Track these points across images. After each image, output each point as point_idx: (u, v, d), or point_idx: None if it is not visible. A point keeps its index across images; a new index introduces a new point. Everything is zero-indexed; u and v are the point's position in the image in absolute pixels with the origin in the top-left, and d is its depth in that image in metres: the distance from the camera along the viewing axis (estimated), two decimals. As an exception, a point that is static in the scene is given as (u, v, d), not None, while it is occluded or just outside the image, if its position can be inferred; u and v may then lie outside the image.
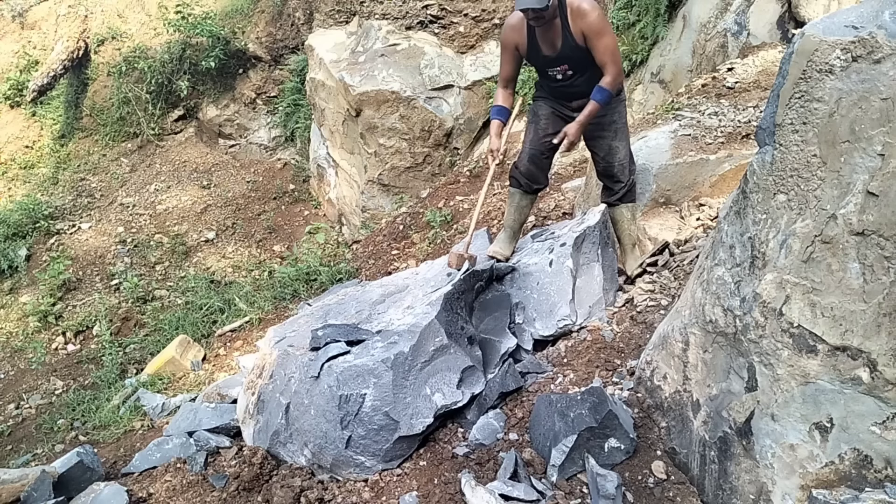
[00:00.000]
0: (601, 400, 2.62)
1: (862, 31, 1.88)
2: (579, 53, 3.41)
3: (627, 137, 3.74)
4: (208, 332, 6.57)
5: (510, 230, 3.89)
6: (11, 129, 10.18)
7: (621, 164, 3.70)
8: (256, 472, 3.06)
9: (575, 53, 3.41)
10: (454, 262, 3.64)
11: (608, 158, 3.71)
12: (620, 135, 3.67)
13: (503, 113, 3.75)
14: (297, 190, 9.58)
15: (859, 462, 2.03)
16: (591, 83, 3.47)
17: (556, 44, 3.43)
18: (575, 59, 3.43)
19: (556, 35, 3.40)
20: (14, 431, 5.89)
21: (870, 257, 1.92)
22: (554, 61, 3.49)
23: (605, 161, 3.73)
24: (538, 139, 3.72)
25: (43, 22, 11.00)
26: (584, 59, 3.43)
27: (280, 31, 9.87)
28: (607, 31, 3.39)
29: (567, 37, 3.38)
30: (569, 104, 3.66)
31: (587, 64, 3.45)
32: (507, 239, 3.89)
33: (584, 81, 3.51)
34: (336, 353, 3.15)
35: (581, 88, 3.53)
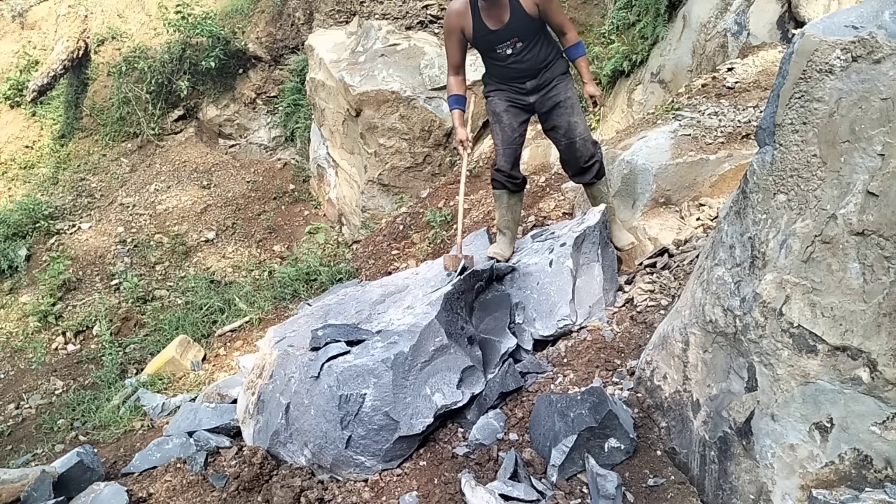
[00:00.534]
0: (601, 400, 2.62)
1: (862, 31, 1.88)
2: (528, 24, 3.52)
3: (581, 113, 3.78)
4: (208, 332, 6.57)
5: (508, 231, 3.93)
6: (11, 129, 10.17)
7: (583, 139, 3.71)
8: (256, 472, 3.06)
9: (524, 24, 3.52)
10: (450, 264, 3.66)
11: (569, 135, 3.71)
12: (577, 109, 3.73)
13: (461, 101, 3.84)
14: (297, 190, 9.57)
15: (859, 462, 2.03)
16: (538, 56, 3.61)
17: (504, 17, 3.51)
18: (524, 30, 3.53)
19: (502, 10, 3.49)
20: (14, 431, 5.89)
21: (870, 257, 1.92)
22: (502, 36, 3.55)
23: (567, 138, 3.72)
24: (508, 137, 3.78)
25: (43, 22, 11.00)
26: (533, 30, 3.55)
27: (280, 31, 9.87)
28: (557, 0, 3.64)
29: (515, 7, 3.49)
30: (522, 85, 3.70)
31: (535, 34, 3.58)
32: (506, 240, 3.91)
33: (533, 55, 3.61)
34: (336, 353, 3.15)
35: (530, 63, 3.62)
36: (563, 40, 3.69)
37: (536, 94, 3.72)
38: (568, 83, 3.71)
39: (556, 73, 3.70)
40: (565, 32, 3.65)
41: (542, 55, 3.64)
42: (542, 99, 3.72)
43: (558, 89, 3.68)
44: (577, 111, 3.70)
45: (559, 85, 3.69)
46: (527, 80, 3.68)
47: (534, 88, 3.70)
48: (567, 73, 3.73)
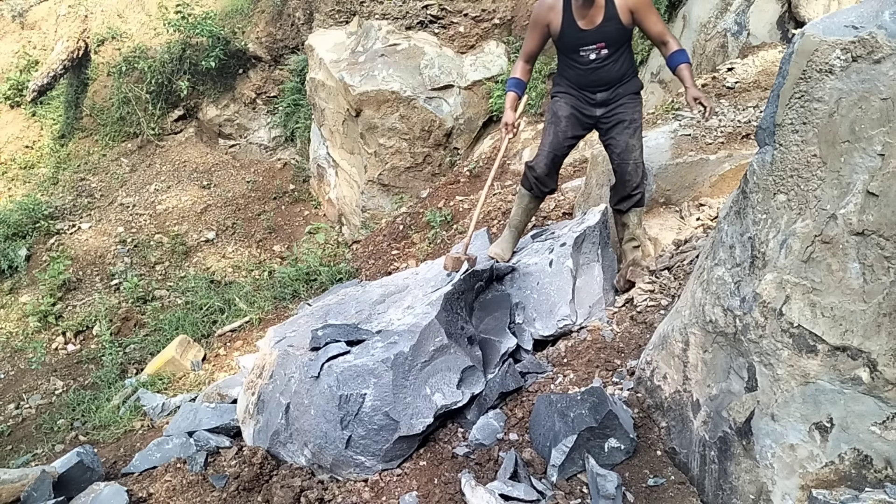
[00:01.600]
0: (601, 400, 2.62)
1: (862, 31, 1.88)
2: (619, 32, 3.37)
3: (641, 139, 3.63)
4: (208, 332, 6.57)
5: (515, 231, 3.86)
6: (11, 129, 10.18)
7: (636, 164, 3.57)
8: (256, 472, 3.06)
9: (615, 31, 3.36)
10: (450, 265, 3.62)
11: (624, 156, 3.57)
12: (638, 134, 3.58)
13: (520, 85, 3.71)
14: (297, 190, 9.57)
15: (859, 462, 2.03)
16: (619, 69, 3.46)
17: (596, 19, 3.35)
18: (614, 37, 3.38)
19: (596, 10, 3.34)
20: (14, 431, 5.89)
21: (870, 257, 1.92)
22: (590, 38, 3.39)
23: (621, 158, 3.59)
24: (558, 142, 3.64)
25: (43, 22, 11.00)
26: (622, 39, 3.41)
27: (280, 31, 9.87)
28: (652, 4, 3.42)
29: (611, 11, 3.33)
30: (593, 95, 3.55)
31: (622, 44, 3.43)
32: (510, 239, 3.86)
33: (615, 65, 3.46)
34: (336, 353, 3.15)
35: (610, 73, 3.47)
36: (664, 50, 3.46)
37: (604, 108, 3.56)
38: (637, 104, 3.57)
39: (628, 90, 3.55)
40: (666, 41, 3.42)
41: (622, 69, 3.49)
42: (608, 114, 3.56)
43: (626, 108, 3.53)
44: (638, 135, 3.56)
45: (628, 104, 3.54)
46: (598, 91, 3.54)
47: (603, 101, 3.55)
48: (638, 95, 3.59)
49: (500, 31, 7.94)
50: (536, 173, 3.69)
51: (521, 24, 7.78)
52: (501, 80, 7.63)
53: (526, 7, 7.77)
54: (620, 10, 3.34)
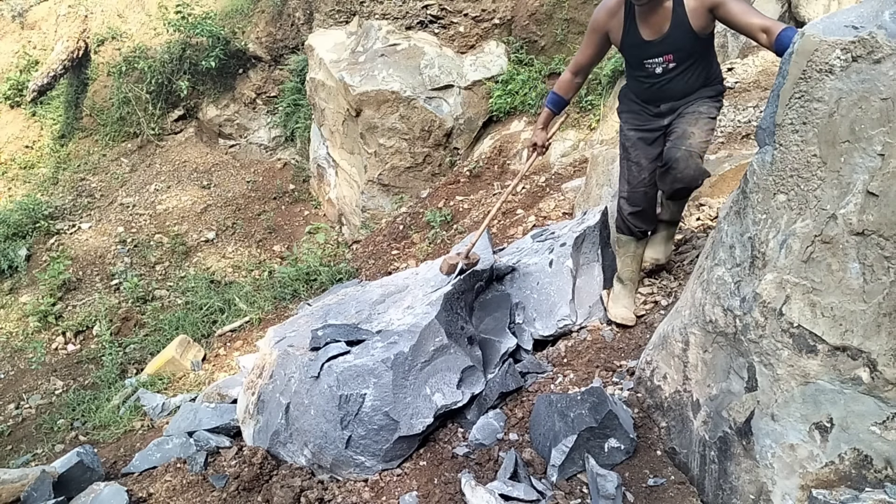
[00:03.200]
0: (601, 400, 2.62)
1: (862, 31, 1.88)
2: (690, 41, 2.88)
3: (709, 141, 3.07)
4: (208, 332, 6.57)
5: (629, 283, 3.40)
6: (11, 129, 10.18)
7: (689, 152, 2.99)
8: (256, 472, 3.06)
9: (685, 40, 2.88)
10: (445, 269, 3.55)
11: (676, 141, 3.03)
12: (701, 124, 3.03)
13: (558, 102, 3.33)
14: (297, 190, 9.58)
15: (859, 462, 2.03)
16: (690, 82, 3.00)
17: (663, 27, 2.89)
18: (683, 47, 2.91)
19: (663, 17, 2.87)
20: (14, 431, 5.89)
21: (870, 257, 1.92)
22: (655, 49, 2.95)
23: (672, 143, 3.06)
24: (636, 178, 3.22)
25: (43, 22, 11.00)
26: (694, 49, 2.93)
27: (280, 31, 9.87)
28: None
29: (680, 17, 2.84)
30: (657, 108, 3.13)
31: (694, 55, 2.95)
32: (628, 295, 3.40)
33: (684, 80, 3.00)
34: (336, 353, 3.15)
35: (679, 88, 3.02)
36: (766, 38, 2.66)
37: (671, 116, 3.12)
38: (708, 103, 3.06)
39: (702, 95, 3.07)
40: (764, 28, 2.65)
41: (695, 82, 3.02)
42: (675, 115, 3.11)
43: (694, 104, 3.06)
44: (702, 126, 3.02)
45: (697, 101, 3.06)
46: (663, 104, 3.11)
47: (669, 110, 3.11)
48: (714, 98, 3.09)
49: (500, 31, 7.94)
50: (626, 215, 3.28)
51: (521, 24, 7.79)
52: (501, 80, 7.63)
53: (526, 7, 7.77)
54: (692, 15, 2.82)
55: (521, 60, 7.71)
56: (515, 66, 7.69)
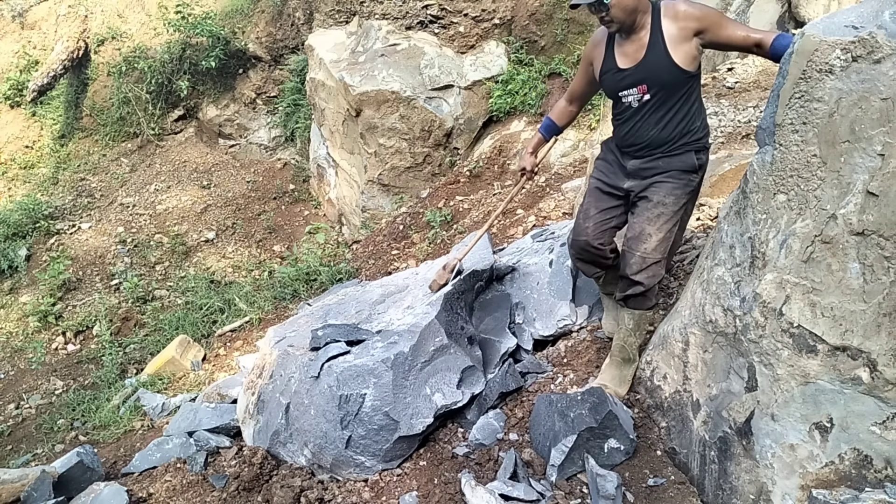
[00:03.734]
0: (601, 400, 2.62)
1: (862, 31, 1.88)
2: (667, 71, 2.57)
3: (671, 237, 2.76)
4: (208, 332, 6.57)
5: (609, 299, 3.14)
6: (11, 129, 10.18)
7: (643, 258, 2.73)
8: (256, 472, 3.06)
9: (661, 69, 2.58)
10: (435, 288, 3.41)
11: (631, 244, 2.76)
12: (662, 223, 2.71)
13: (550, 128, 3.16)
14: (297, 190, 9.58)
15: (859, 462, 2.03)
16: (667, 126, 2.65)
17: (639, 54, 2.62)
18: (658, 77, 2.59)
19: (640, 44, 2.62)
20: (14, 431, 5.89)
21: (870, 257, 1.92)
22: (630, 78, 2.66)
23: (627, 245, 2.79)
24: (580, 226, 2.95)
25: (43, 22, 11.00)
26: (671, 83, 2.60)
27: (280, 31, 9.87)
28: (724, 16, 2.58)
29: (657, 44, 2.57)
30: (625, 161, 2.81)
31: (673, 92, 2.62)
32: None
33: (661, 121, 2.65)
34: (336, 353, 3.15)
35: (652, 130, 2.67)
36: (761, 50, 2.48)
37: (633, 181, 2.80)
38: (678, 187, 2.70)
39: (672, 165, 2.70)
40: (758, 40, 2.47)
41: (672, 128, 2.66)
42: (637, 187, 2.79)
43: (659, 187, 2.71)
44: (661, 226, 2.70)
45: (665, 184, 2.70)
46: (633, 156, 2.78)
47: (634, 171, 2.78)
48: (689, 174, 2.71)
49: (500, 31, 7.94)
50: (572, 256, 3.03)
51: (521, 24, 7.79)
52: (501, 80, 7.63)
53: (526, 7, 7.78)
54: (672, 42, 2.55)
55: (521, 60, 7.71)
56: (515, 66, 7.69)
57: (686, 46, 2.55)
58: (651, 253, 2.71)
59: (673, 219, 2.72)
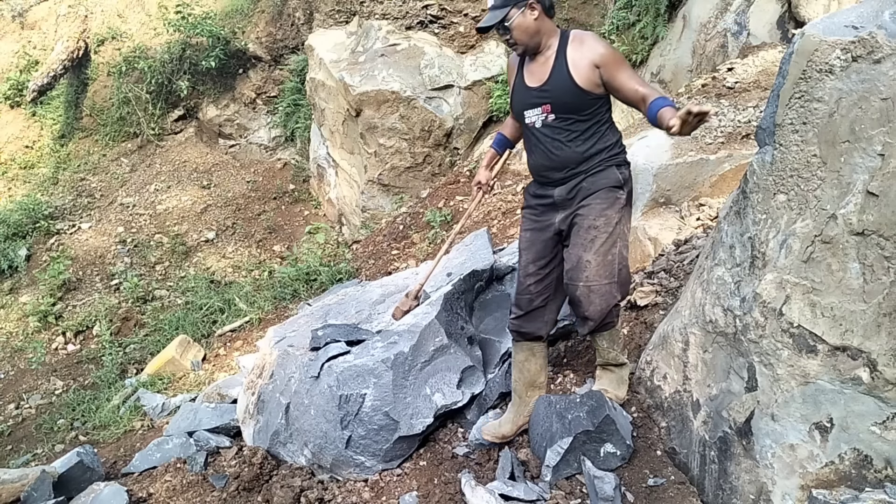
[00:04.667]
0: (599, 404, 2.61)
1: (862, 31, 1.88)
2: (570, 93, 2.56)
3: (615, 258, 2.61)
4: (208, 332, 6.58)
5: (517, 398, 2.90)
6: (11, 129, 10.18)
7: (588, 288, 2.59)
8: (256, 472, 3.06)
9: (564, 91, 2.56)
10: (398, 315, 3.31)
11: (571, 275, 2.63)
12: (597, 245, 2.58)
13: (501, 143, 3.11)
14: (297, 190, 9.58)
15: (859, 462, 2.03)
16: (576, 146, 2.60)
17: (543, 75, 2.62)
18: (562, 98, 2.58)
19: (544, 63, 2.63)
20: (14, 431, 5.89)
21: (870, 257, 1.92)
22: (535, 97, 2.64)
23: (567, 277, 2.65)
24: (521, 284, 2.78)
25: (43, 22, 11.00)
26: (575, 105, 2.57)
27: (280, 31, 9.87)
28: (625, 60, 2.60)
29: (560, 66, 2.57)
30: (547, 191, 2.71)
31: (578, 113, 2.58)
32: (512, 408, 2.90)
33: (569, 142, 2.60)
34: (336, 353, 3.15)
35: (561, 151, 2.61)
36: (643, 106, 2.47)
37: (563, 213, 2.68)
38: (607, 206, 2.60)
39: (597, 184, 2.61)
40: (643, 96, 2.47)
41: (584, 149, 2.60)
42: (567, 219, 2.68)
43: (588, 210, 2.61)
44: (598, 248, 2.58)
45: (592, 206, 2.60)
46: (554, 185, 2.68)
47: (561, 201, 2.67)
48: (615, 190, 2.62)
49: (501, 31, 7.93)
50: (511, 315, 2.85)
51: (521, 24, 7.78)
52: (501, 80, 7.63)
53: (526, 7, 7.77)
54: (574, 66, 2.54)
55: (521, 60, 7.70)
56: (515, 66, 7.68)
57: (588, 73, 2.54)
58: (594, 280, 2.58)
59: (609, 240, 2.59)
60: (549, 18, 2.64)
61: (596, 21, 7.42)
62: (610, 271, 2.60)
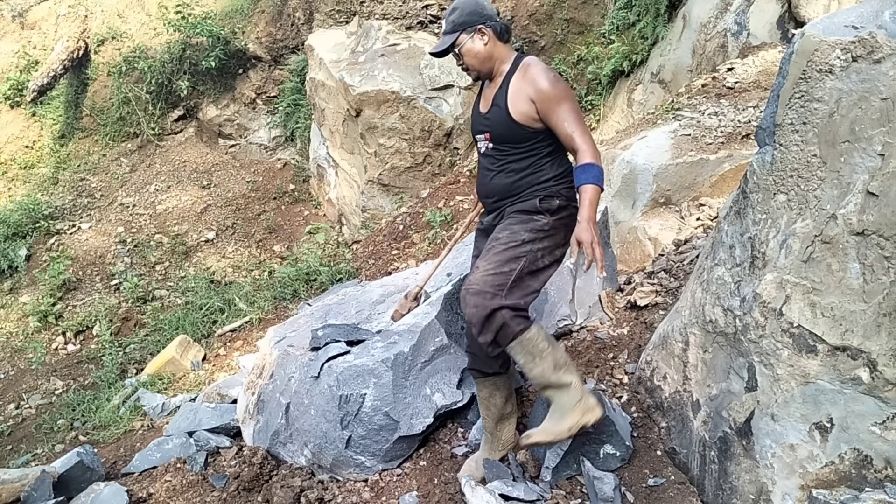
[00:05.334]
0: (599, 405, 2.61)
1: (862, 31, 1.88)
2: (505, 125, 2.46)
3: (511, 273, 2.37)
4: (208, 332, 6.58)
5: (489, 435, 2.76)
6: (11, 129, 10.18)
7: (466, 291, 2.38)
8: (256, 472, 3.06)
9: (500, 120, 2.48)
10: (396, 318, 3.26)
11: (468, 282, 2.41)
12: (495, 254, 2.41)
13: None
14: (297, 190, 9.58)
15: (859, 462, 2.03)
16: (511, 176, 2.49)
17: (489, 102, 2.55)
18: (498, 129, 2.49)
19: (491, 89, 2.56)
20: (14, 431, 5.89)
21: (870, 257, 1.92)
22: (481, 124, 2.58)
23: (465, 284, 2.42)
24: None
25: (43, 22, 11.00)
26: (510, 137, 2.47)
27: (280, 31, 9.87)
28: (567, 96, 2.40)
29: (501, 96, 2.48)
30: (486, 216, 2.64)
31: (515, 145, 2.48)
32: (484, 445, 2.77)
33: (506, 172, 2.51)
34: (336, 353, 3.15)
35: (497, 179, 2.52)
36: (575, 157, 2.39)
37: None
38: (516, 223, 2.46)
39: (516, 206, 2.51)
40: (575, 147, 2.36)
41: (512, 180, 2.50)
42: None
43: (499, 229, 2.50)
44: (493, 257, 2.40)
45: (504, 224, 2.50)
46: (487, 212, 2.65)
47: (489, 227, 2.62)
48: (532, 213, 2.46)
49: (500, 31, 7.93)
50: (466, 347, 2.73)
51: (521, 24, 7.78)
52: (501, 80, 7.63)
53: (526, 7, 7.77)
54: (512, 98, 2.44)
55: (521, 60, 7.70)
56: (515, 66, 7.68)
57: (523, 106, 2.42)
58: (474, 284, 2.36)
59: (507, 252, 2.39)
60: (504, 43, 2.55)
61: (596, 21, 7.42)
62: (496, 283, 2.35)
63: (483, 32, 2.50)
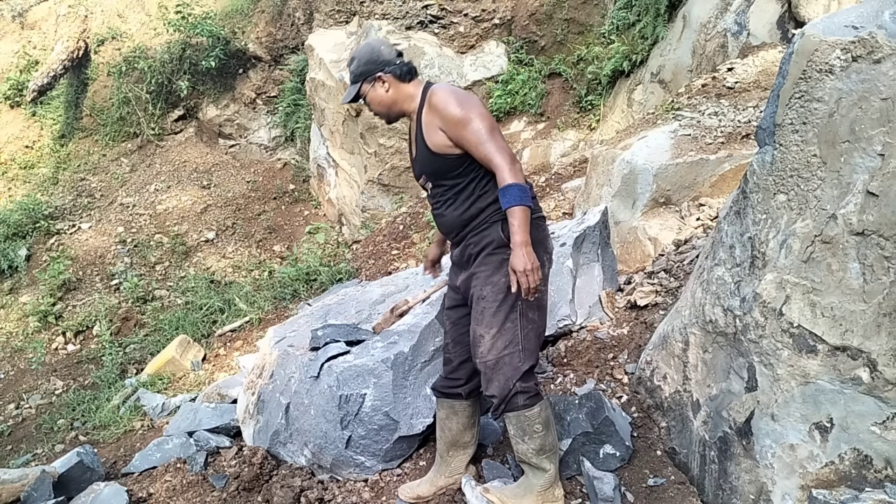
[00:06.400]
0: (599, 406, 2.61)
1: (862, 31, 1.88)
2: (429, 160, 2.42)
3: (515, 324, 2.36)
4: (208, 332, 6.57)
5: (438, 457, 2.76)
6: (11, 129, 10.18)
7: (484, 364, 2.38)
8: (256, 472, 3.06)
9: (425, 158, 2.44)
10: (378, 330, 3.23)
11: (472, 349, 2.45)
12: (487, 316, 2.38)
13: None
14: (297, 190, 9.58)
15: (859, 462, 2.03)
16: (458, 209, 2.44)
17: (413, 146, 2.52)
18: (426, 167, 2.47)
19: (413, 135, 2.51)
20: (14, 431, 5.89)
21: (870, 257, 1.92)
22: (416, 170, 2.56)
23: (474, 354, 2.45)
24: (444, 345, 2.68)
25: (43, 22, 11.00)
26: (439, 172, 2.43)
27: (280, 31, 9.87)
28: (474, 115, 2.30)
29: (419, 133, 2.44)
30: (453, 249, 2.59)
31: (448, 179, 2.43)
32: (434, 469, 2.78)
33: (453, 207, 2.44)
34: (336, 353, 3.15)
35: (448, 216, 2.47)
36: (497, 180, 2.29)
37: (464, 273, 2.52)
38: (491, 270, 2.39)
39: (482, 242, 2.41)
40: (492, 169, 2.30)
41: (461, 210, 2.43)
42: (466, 283, 2.50)
43: (476, 279, 2.42)
44: (488, 319, 2.37)
45: (480, 273, 2.41)
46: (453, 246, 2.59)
47: (458, 261, 2.56)
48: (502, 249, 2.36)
49: (500, 31, 7.94)
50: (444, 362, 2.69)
51: (521, 24, 7.79)
52: (501, 80, 7.64)
53: (526, 7, 7.78)
54: (426, 132, 2.40)
55: (521, 60, 7.71)
56: (515, 66, 7.69)
57: (437, 138, 2.37)
58: (488, 355, 2.36)
59: (501, 309, 2.35)
60: (408, 83, 2.48)
61: (596, 21, 7.42)
62: (506, 341, 2.35)
63: (382, 80, 2.46)
